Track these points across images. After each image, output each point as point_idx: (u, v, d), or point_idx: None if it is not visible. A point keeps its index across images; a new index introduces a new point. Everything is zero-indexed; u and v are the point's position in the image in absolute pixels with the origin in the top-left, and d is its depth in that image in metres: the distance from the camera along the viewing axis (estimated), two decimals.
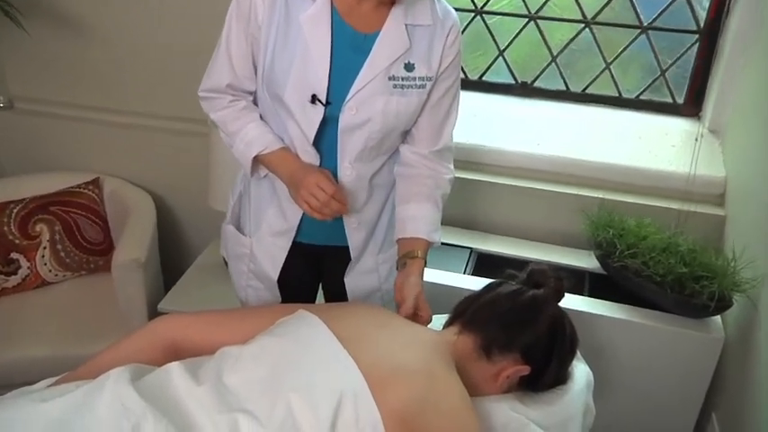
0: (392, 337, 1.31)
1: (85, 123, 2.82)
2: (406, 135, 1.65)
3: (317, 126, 1.53)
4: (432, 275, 2.16)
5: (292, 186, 1.57)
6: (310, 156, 1.58)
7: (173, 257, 2.95)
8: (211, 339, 1.36)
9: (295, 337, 1.29)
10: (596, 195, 2.33)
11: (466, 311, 1.43)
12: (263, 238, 1.72)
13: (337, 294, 1.81)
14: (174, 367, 1.24)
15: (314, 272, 1.85)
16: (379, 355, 1.24)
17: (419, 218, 1.62)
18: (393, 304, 1.58)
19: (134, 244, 2.45)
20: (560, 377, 1.44)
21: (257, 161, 1.62)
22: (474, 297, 1.46)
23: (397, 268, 1.61)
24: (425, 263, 1.60)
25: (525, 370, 1.36)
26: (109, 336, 2.24)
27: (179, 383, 1.21)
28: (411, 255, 1.59)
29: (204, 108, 1.66)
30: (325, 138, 1.56)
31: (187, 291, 2.51)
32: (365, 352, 1.23)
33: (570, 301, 2.00)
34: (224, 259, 1.91)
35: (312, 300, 1.91)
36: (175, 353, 1.36)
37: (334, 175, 1.60)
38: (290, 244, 1.71)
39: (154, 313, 2.43)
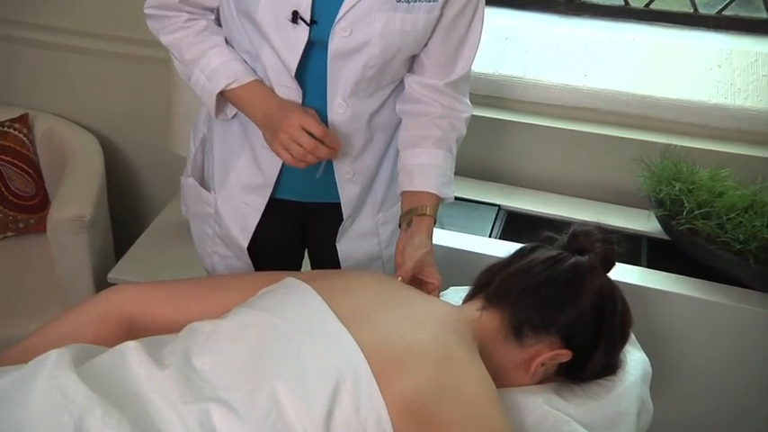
0: (401, 312, 1.34)
1: (10, 44, 2.81)
2: (412, 62, 1.65)
3: (299, 53, 1.52)
4: (450, 238, 2.19)
5: (268, 129, 1.56)
6: (290, 92, 1.57)
7: (126, 215, 2.97)
8: (176, 315, 1.39)
9: (282, 310, 1.31)
10: (660, 140, 2.34)
11: (491, 282, 1.45)
12: (232, 195, 1.73)
13: (329, 264, 1.82)
14: (130, 347, 1.25)
15: (298, 236, 1.87)
16: (385, 334, 1.26)
17: (429, 167, 1.63)
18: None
19: (76, 198, 2.46)
20: (609, 366, 1.46)
21: (223, 98, 1.62)
22: (502, 265, 1.48)
23: (400, 226, 1.63)
24: (435, 221, 1.62)
25: (565, 356, 1.38)
26: (45, 312, 2.27)
27: (136, 367, 1.22)
28: (418, 211, 1.60)
29: (152, 29, 1.64)
30: (311, 68, 1.56)
31: (144, 257, 2.54)
32: (368, 329, 1.25)
33: (623, 272, 2.02)
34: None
35: (295, 270, 1.93)
36: (130, 332, 1.38)
37: (323, 114, 1.59)
38: (265, 202, 1.71)
39: (102, 284, 2.46)
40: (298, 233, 1.86)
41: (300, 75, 1.56)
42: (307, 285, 1.36)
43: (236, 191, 1.72)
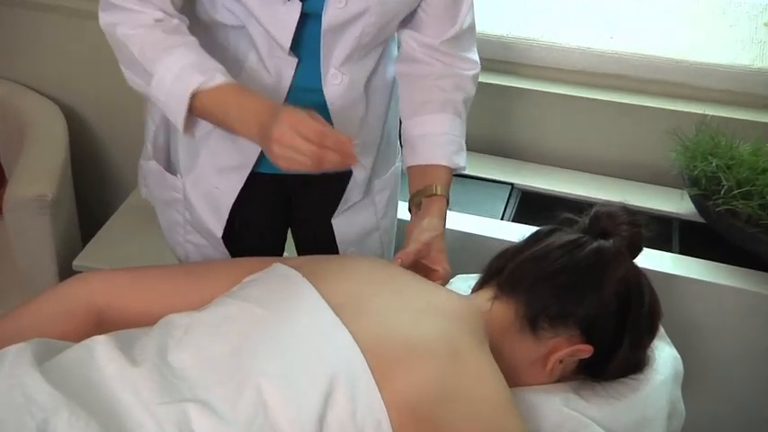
0: (403, 302, 1.35)
1: None
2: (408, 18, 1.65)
3: (292, 30, 1.52)
4: (458, 221, 2.19)
5: (264, 139, 1.41)
6: (283, 63, 1.57)
7: (93, 195, 2.97)
8: (150, 306, 1.40)
9: (268, 300, 1.32)
10: (695, 110, 2.34)
11: (504, 269, 1.46)
12: (203, 178, 1.71)
13: (316, 245, 1.83)
14: (99, 342, 1.26)
15: (280, 214, 1.87)
16: (385, 327, 1.27)
17: (435, 136, 1.65)
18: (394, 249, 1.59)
19: (37, 175, 2.46)
20: (635, 363, 1.47)
21: (191, 111, 1.48)
22: (515, 250, 1.49)
23: (410, 210, 1.65)
24: (448, 201, 1.63)
25: (585, 351, 1.39)
26: (2, 303, 2.28)
27: (105, 364, 1.23)
28: (427, 192, 1.62)
29: (105, 23, 1.53)
30: (303, 41, 1.56)
31: (113, 242, 2.55)
32: (366, 323, 1.26)
33: (652, 259, 2.03)
34: None
35: (278, 253, 1.93)
36: (99, 325, 1.39)
37: (318, 87, 1.59)
38: (242, 183, 1.69)
39: (67, 272, 2.46)
40: (280, 211, 1.86)
41: (291, 48, 1.55)
42: (296, 272, 1.37)
43: (209, 173, 1.70)
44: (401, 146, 1.75)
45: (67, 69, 2.85)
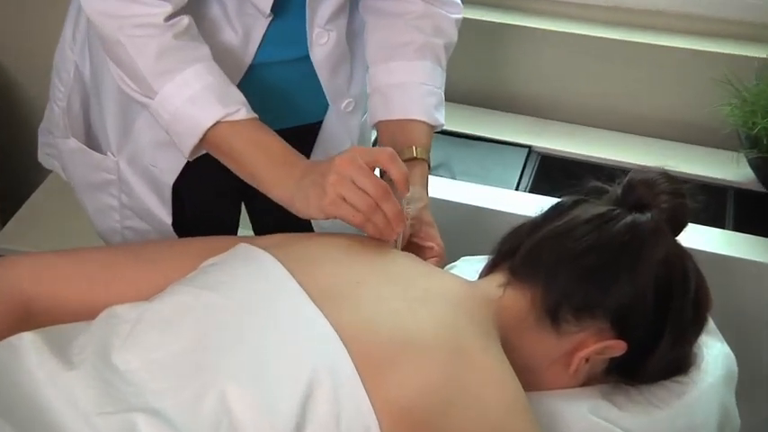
0: (397, 290, 1.36)
1: None
2: None
3: None
4: (464, 192, 2.20)
5: (305, 177, 1.48)
6: (253, 23, 1.59)
7: (14, 165, 2.98)
8: (90, 295, 1.41)
9: (233, 288, 1.34)
10: (754, 54, 2.35)
11: (518, 250, 1.47)
12: (141, 154, 1.71)
13: (276, 222, 1.83)
14: (26, 340, 1.28)
15: (232, 191, 1.86)
16: (374, 318, 1.29)
17: (411, 85, 1.68)
18: None
19: None
20: (678, 363, 1.49)
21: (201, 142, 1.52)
22: (532, 226, 1.50)
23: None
24: (430, 166, 1.66)
25: (617, 348, 1.40)
26: None
27: (35, 367, 1.24)
28: (405, 155, 1.64)
29: (97, 6, 1.49)
30: (284, 3, 1.58)
31: (39, 220, 2.57)
32: (350, 312, 1.28)
33: (699, 236, 2.05)
34: None
35: (233, 234, 1.94)
36: (27, 318, 1.40)
37: (304, 49, 1.63)
38: (185, 161, 1.64)
39: None
40: (231, 187, 1.81)
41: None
42: (266, 254, 1.38)
43: (145, 148, 1.70)
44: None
45: None
